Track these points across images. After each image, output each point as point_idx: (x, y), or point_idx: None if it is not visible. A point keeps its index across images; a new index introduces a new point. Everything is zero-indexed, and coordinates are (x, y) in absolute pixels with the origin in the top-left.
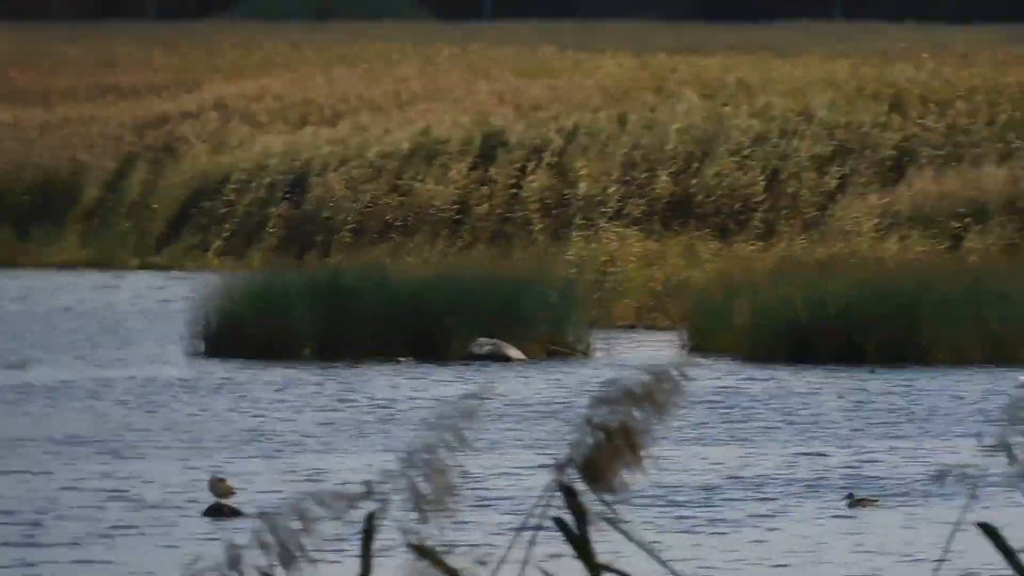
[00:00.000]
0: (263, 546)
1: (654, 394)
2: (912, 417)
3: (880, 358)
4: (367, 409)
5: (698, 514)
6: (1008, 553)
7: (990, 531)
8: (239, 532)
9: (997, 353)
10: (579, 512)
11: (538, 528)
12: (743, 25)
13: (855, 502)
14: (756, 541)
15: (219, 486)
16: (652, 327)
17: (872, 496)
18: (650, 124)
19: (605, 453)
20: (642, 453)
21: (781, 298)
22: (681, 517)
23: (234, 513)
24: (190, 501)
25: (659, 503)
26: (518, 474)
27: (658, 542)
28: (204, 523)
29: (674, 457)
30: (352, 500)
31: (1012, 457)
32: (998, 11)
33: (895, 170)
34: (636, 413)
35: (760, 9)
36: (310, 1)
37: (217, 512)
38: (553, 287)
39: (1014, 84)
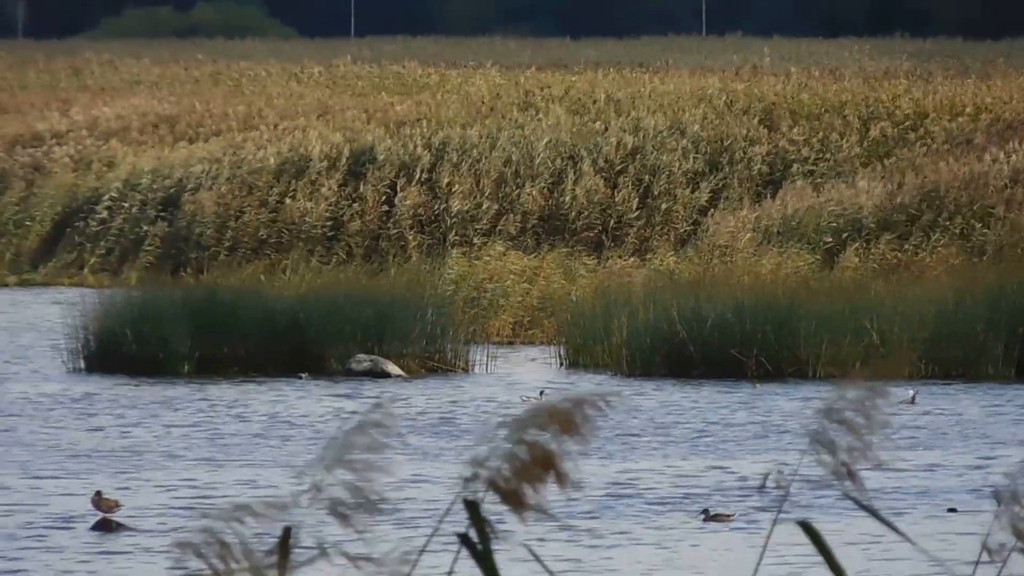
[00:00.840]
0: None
1: (575, 420)
2: (790, 432)
3: (759, 373)
4: (251, 424)
5: (578, 528)
6: (825, 551)
7: (809, 530)
8: (129, 546)
9: (876, 367)
10: (482, 527)
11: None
12: (608, 40)
13: (710, 517)
14: (618, 556)
15: (104, 501)
16: (530, 342)
17: (726, 511)
18: (519, 140)
19: (523, 474)
20: (561, 476)
21: (658, 313)
22: (563, 531)
23: (121, 527)
24: (76, 517)
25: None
26: (411, 486)
27: (538, 556)
28: (93, 537)
29: None
30: (280, 509)
31: (833, 456)
32: (862, 26)
33: (767, 185)
34: (556, 437)
35: (624, 25)
36: (174, 20)
37: (105, 527)
38: (429, 303)
39: (886, 99)
